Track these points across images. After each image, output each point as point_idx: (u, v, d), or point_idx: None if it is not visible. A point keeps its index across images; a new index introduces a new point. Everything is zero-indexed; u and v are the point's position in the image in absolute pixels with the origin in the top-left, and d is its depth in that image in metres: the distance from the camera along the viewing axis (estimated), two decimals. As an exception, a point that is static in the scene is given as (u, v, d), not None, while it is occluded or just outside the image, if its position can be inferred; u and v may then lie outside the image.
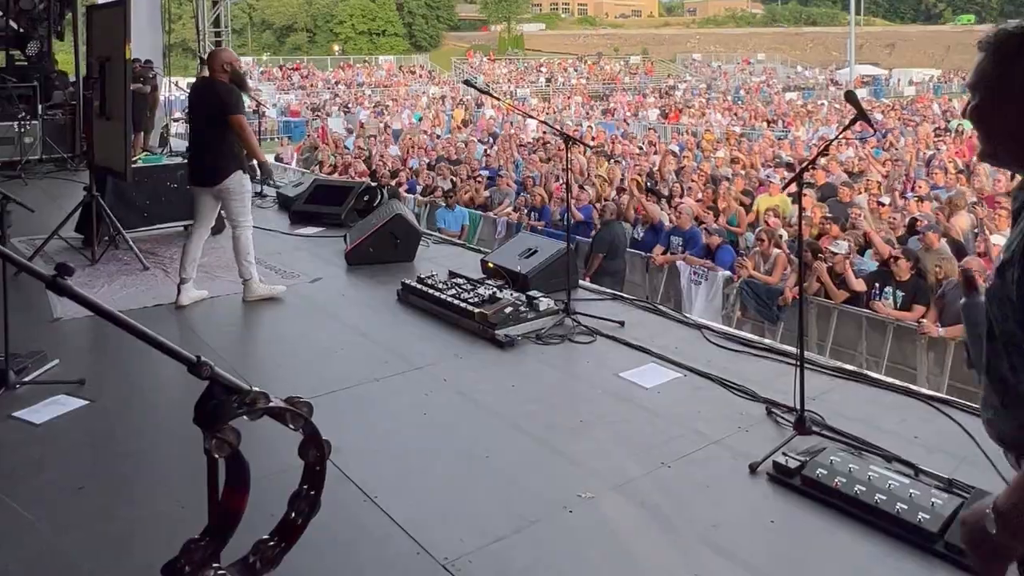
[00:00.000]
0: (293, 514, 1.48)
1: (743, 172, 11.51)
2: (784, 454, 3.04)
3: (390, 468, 3.15)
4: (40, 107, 11.45)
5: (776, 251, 7.49)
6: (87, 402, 3.73)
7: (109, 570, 2.54)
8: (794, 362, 3.40)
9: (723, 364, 4.14)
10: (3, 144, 10.94)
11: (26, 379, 3.90)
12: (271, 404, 1.38)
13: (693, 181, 10.67)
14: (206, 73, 5.51)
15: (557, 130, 6.89)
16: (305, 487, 1.48)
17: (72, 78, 10.92)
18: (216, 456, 1.35)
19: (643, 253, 8.45)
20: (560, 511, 2.85)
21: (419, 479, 3.08)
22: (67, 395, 3.79)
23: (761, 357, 4.27)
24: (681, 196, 9.68)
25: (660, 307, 5.28)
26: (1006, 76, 1.35)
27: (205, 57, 12.79)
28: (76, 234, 6.84)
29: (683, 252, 8.11)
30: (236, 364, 4.16)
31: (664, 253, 8.27)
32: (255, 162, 5.53)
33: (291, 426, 1.43)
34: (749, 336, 4.79)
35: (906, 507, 2.66)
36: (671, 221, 8.66)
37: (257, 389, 1.38)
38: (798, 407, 3.33)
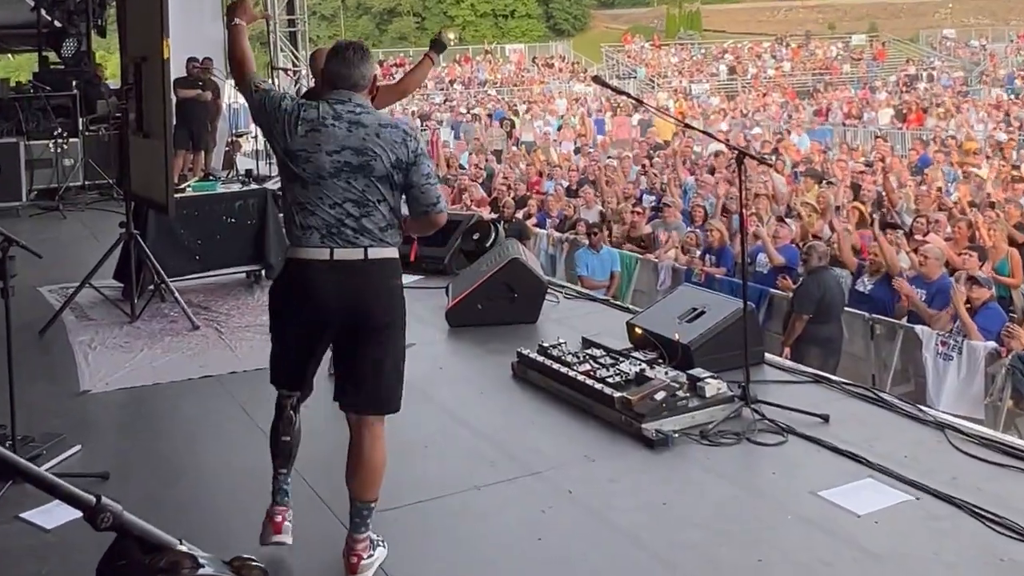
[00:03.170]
0: None
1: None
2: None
3: (488, 614, 3.14)
4: (81, 121, 12.41)
5: (1066, 314, 7.05)
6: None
7: None
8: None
9: (977, 483, 3.94)
10: (39, 167, 11.86)
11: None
12: (202, 571, 1.36)
13: (943, 211, 10.32)
14: (282, 75, 5.86)
15: (724, 141, 6.85)
16: None
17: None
18: None
19: (866, 314, 8.17)
20: None
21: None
22: (87, 492, 4.03)
23: (1036, 474, 4.00)
24: (925, 232, 9.39)
25: (884, 395, 5.07)
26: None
27: (274, 55, 13.52)
28: (115, 282, 7.35)
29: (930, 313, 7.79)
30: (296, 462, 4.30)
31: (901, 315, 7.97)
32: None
33: None
34: (1018, 442, 4.49)
35: None
36: (911, 267, 8.37)
37: (184, 548, 1.38)
38: (1091, 555, 3.06)
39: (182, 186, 8.01)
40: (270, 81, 14.69)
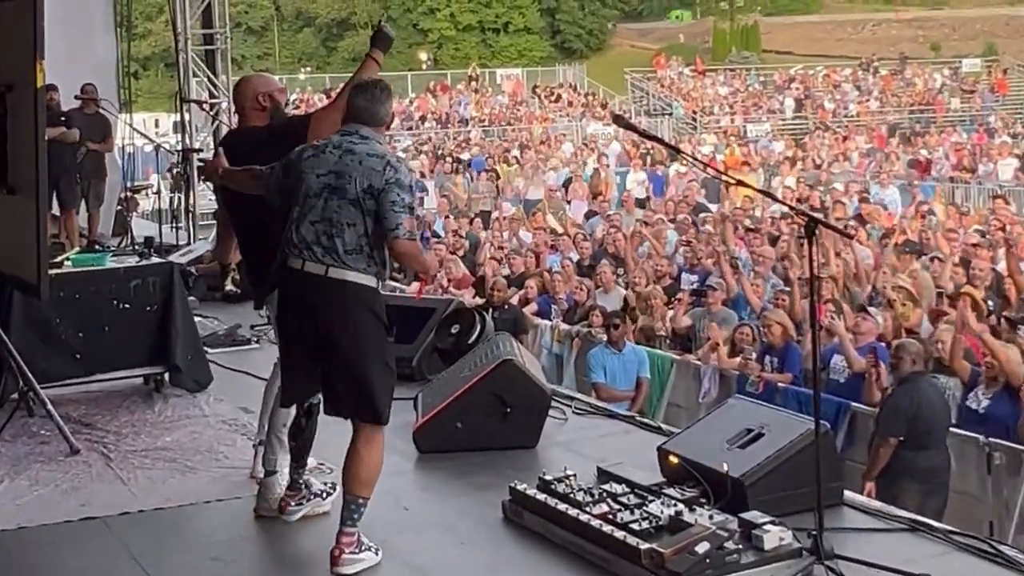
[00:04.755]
0: None
1: None
2: None
3: None
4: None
5: None
6: None
7: None
8: None
9: None
10: None
11: None
12: None
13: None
14: (195, 108, 6.09)
15: (789, 205, 6.99)
16: None
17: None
18: None
19: (982, 438, 8.22)
20: None
21: None
22: None
23: None
24: (1058, 328, 9.42)
25: (1005, 547, 5.09)
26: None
27: (184, 82, 13.61)
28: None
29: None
30: None
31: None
32: None
33: None
34: None
35: None
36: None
37: None
38: None
39: (58, 259, 7.90)
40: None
